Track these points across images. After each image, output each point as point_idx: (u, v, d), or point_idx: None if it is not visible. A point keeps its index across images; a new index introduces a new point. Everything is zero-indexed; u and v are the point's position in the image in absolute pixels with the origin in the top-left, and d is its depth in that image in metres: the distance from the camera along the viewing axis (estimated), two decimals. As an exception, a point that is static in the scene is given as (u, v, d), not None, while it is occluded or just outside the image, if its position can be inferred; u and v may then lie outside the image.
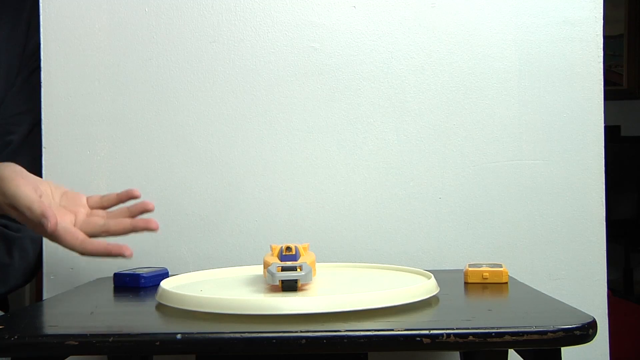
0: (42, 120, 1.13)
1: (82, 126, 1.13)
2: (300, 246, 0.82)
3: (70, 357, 0.67)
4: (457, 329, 0.63)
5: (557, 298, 0.81)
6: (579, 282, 1.10)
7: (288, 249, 0.80)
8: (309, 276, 0.77)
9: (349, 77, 1.12)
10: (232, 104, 1.13)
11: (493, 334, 0.63)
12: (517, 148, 1.12)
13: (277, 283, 0.76)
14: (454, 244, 1.11)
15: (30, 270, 1.15)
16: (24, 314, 0.78)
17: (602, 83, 1.11)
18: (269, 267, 0.77)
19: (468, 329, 0.63)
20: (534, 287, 0.90)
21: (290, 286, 0.76)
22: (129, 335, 0.64)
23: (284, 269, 0.77)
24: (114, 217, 0.91)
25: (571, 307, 0.74)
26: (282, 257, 0.80)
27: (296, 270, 0.76)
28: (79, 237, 0.85)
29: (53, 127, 1.13)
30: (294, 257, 0.80)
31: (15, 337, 0.64)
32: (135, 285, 0.92)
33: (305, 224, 1.12)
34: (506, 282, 0.91)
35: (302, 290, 0.77)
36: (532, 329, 0.63)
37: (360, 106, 1.12)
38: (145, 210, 0.92)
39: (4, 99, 1.17)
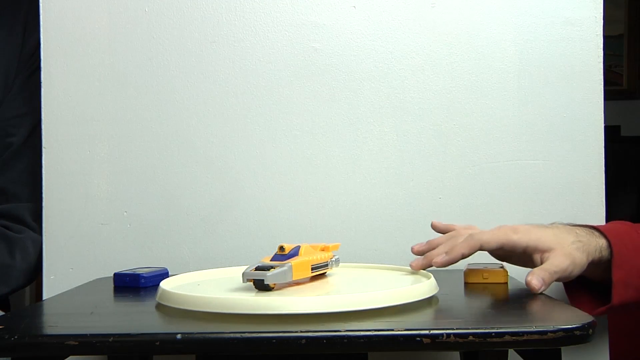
0: (42, 121, 1.12)
1: (82, 126, 1.13)
2: (308, 246, 0.83)
3: (70, 357, 0.67)
4: (457, 329, 0.63)
5: (557, 298, 0.81)
6: (579, 282, 1.10)
7: (282, 248, 0.81)
8: (277, 277, 0.76)
9: (349, 77, 1.12)
10: (232, 104, 1.13)
11: (493, 334, 0.63)
12: (517, 148, 1.11)
13: (245, 281, 0.76)
14: (454, 244, 1.10)
15: (31, 271, 1.16)
16: (24, 314, 0.78)
17: (602, 83, 1.11)
18: (246, 268, 0.78)
19: (468, 329, 0.63)
20: (534, 287, 0.90)
21: (260, 285, 0.76)
22: (129, 335, 0.64)
23: (257, 268, 0.77)
24: None
25: (571, 307, 0.74)
26: (274, 257, 0.80)
27: (268, 270, 0.76)
28: None
29: (53, 128, 1.13)
30: (284, 257, 0.80)
31: (15, 337, 0.64)
32: (135, 285, 0.92)
33: (305, 224, 1.12)
34: (506, 282, 0.91)
35: (277, 289, 0.77)
36: (532, 329, 0.63)
37: (360, 106, 1.12)
38: None
39: (2, 101, 1.17)
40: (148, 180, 1.13)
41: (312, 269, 0.83)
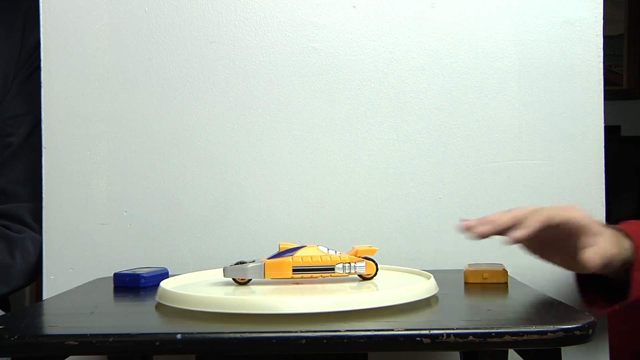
0: (42, 121, 1.12)
1: (82, 126, 1.13)
2: (312, 247, 0.84)
3: (70, 357, 0.67)
4: (457, 329, 0.63)
5: (557, 298, 0.81)
6: (579, 282, 1.10)
7: (279, 247, 0.85)
8: (236, 272, 0.83)
9: (349, 77, 1.12)
10: (232, 104, 1.13)
11: (493, 334, 0.63)
12: (517, 148, 1.11)
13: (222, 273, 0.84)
14: (454, 244, 1.10)
15: (31, 271, 1.16)
16: (24, 314, 0.78)
17: (602, 83, 1.11)
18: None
19: (468, 329, 0.63)
20: (534, 287, 0.90)
21: (233, 280, 0.84)
22: (129, 335, 0.64)
23: (236, 263, 0.84)
24: None
25: (571, 307, 0.74)
26: (271, 256, 0.84)
27: (239, 265, 0.83)
28: None
29: (53, 127, 1.13)
30: (278, 256, 0.84)
31: (15, 337, 0.64)
32: (135, 285, 0.92)
33: (305, 224, 1.12)
34: (506, 282, 0.91)
35: (251, 284, 0.83)
36: (532, 329, 0.63)
37: (360, 106, 1.12)
38: None
39: (1, 101, 1.17)
40: (148, 180, 1.13)
41: (294, 271, 0.83)
